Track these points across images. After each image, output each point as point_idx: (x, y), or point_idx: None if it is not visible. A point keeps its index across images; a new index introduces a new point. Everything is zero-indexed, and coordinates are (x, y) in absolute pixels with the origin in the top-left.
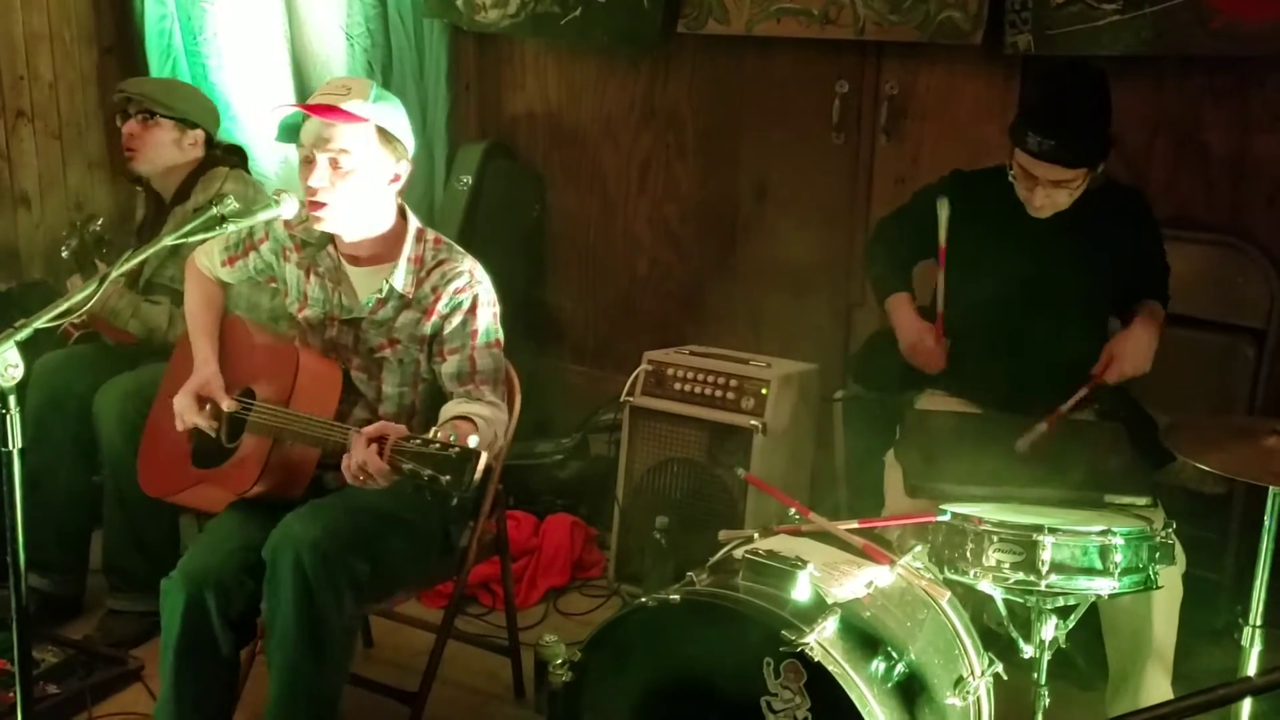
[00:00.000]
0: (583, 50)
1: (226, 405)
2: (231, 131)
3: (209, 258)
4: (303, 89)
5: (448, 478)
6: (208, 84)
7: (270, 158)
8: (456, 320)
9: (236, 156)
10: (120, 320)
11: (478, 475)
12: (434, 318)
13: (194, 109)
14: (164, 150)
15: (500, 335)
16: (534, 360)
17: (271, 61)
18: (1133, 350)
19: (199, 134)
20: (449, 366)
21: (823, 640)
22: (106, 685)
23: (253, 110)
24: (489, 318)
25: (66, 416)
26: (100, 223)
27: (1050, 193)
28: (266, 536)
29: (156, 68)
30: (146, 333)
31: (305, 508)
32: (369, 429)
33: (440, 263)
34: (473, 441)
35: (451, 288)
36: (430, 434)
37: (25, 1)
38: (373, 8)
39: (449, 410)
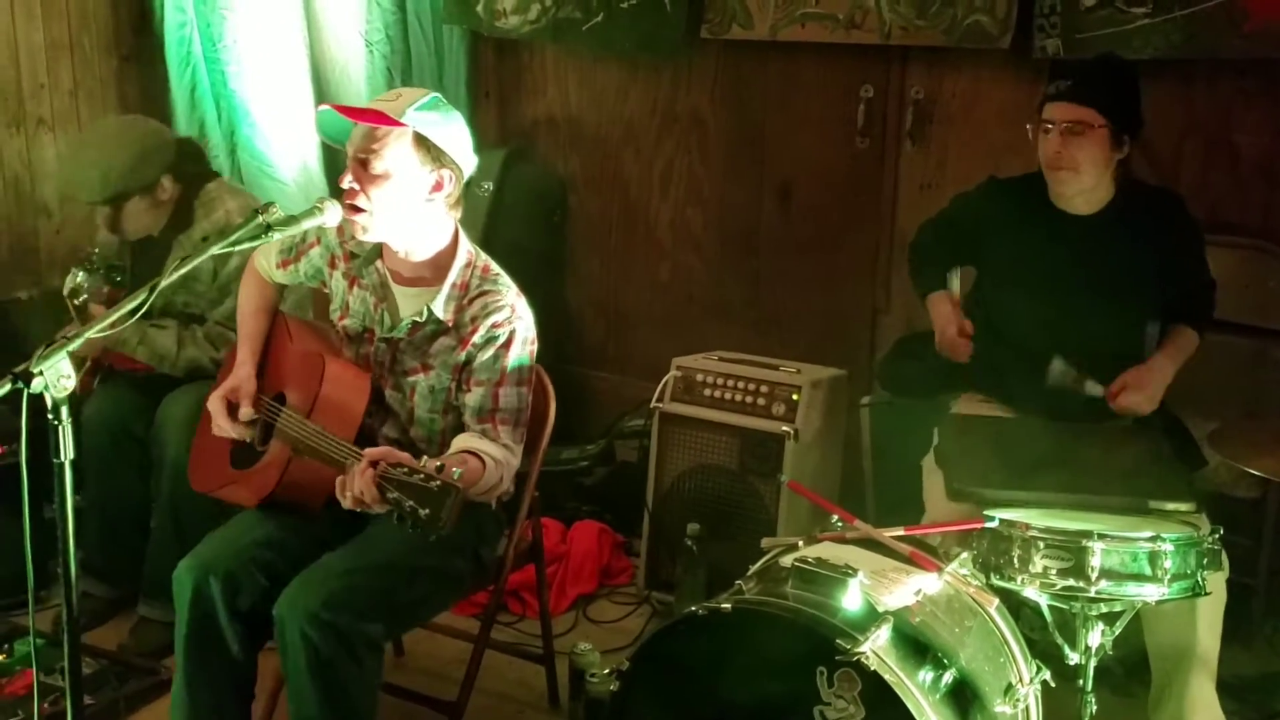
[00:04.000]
0: (604, 55)
1: (250, 409)
2: (250, 139)
3: (267, 259)
4: (322, 95)
5: (426, 511)
6: (227, 91)
7: (289, 164)
8: (489, 353)
9: (199, 160)
10: (128, 348)
11: (456, 512)
12: (469, 347)
13: (146, 162)
14: (144, 219)
15: (532, 375)
16: (556, 366)
17: (291, 68)
18: (1149, 385)
19: (166, 180)
20: (472, 398)
21: (877, 649)
22: (140, 695)
23: (272, 117)
24: (524, 355)
25: (127, 451)
26: (97, 253)
27: (1069, 146)
28: (288, 536)
29: (176, 75)
30: (156, 359)
31: (313, 569)
32: (372, 450)
33: (484, 293)
34: (455, 474)
35: (490, 320)
36: (421, 462)
37: (45, 10)
38: (392, 14)
39: (459, 442)
